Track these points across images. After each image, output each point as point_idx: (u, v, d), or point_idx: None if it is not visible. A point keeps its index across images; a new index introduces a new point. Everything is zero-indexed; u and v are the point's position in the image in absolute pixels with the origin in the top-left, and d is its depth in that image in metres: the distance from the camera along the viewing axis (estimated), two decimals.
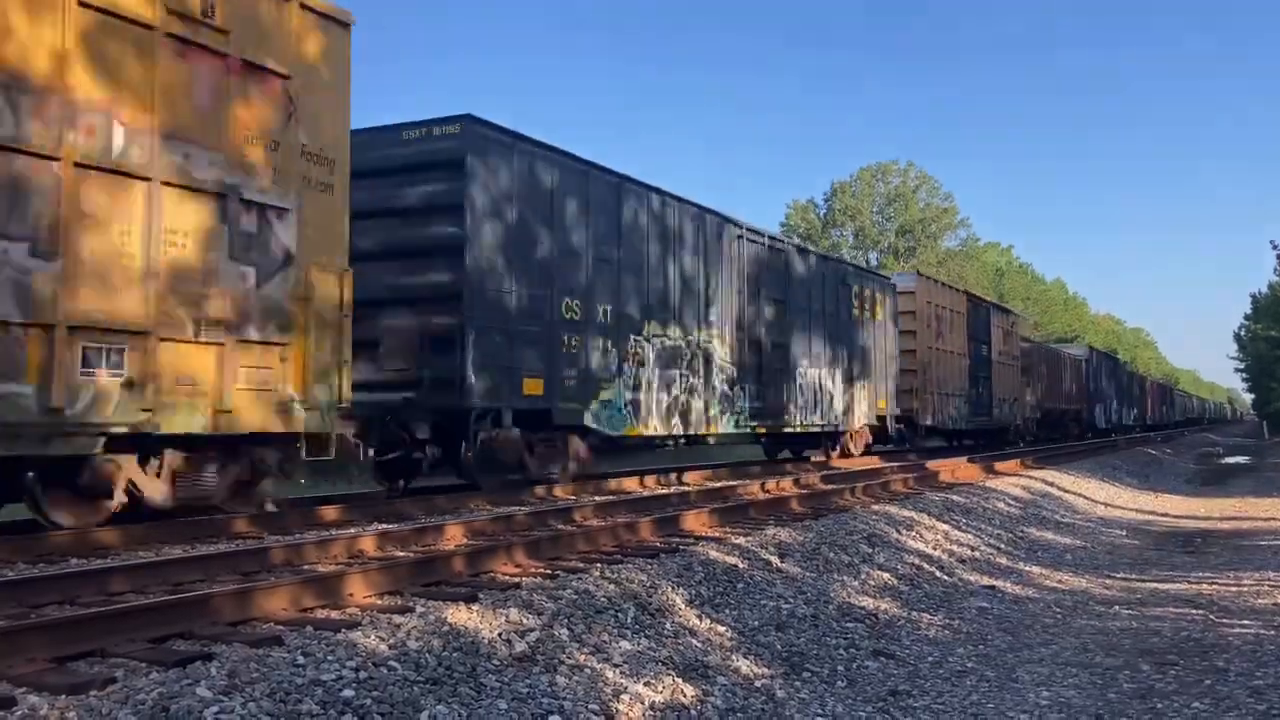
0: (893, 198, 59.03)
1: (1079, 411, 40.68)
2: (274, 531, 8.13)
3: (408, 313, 10.93)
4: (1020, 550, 11.02)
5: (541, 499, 11.36)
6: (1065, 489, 16.97)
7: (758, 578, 6.95)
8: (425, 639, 4.49)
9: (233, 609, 4.75)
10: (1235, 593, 8.58)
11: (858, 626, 6.69)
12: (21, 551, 6.75)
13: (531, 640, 4.79)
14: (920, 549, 9.37)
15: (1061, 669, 6.17)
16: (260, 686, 3.71)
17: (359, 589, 5.34)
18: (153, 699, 3.48)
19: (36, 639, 4.05)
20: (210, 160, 7.72)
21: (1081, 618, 7.79)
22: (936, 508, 11.53)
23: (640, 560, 6.65)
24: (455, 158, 10.83)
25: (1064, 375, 38.51)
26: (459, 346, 10.57)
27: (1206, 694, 5.52)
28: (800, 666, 5.69)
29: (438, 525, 7.98)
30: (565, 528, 8.29)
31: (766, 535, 8.17)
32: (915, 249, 56.74)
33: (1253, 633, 6.96)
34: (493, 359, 10.89)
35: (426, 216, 11.00)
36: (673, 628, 5.60)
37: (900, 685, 5.69)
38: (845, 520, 9.49)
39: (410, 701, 3.93)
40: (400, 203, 11.08)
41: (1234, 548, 11.72)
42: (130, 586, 5.58)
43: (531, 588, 5.61)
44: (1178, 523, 15.01)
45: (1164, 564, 10.70)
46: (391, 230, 11.00)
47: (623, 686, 4.63)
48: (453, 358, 10.57)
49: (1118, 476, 21.80)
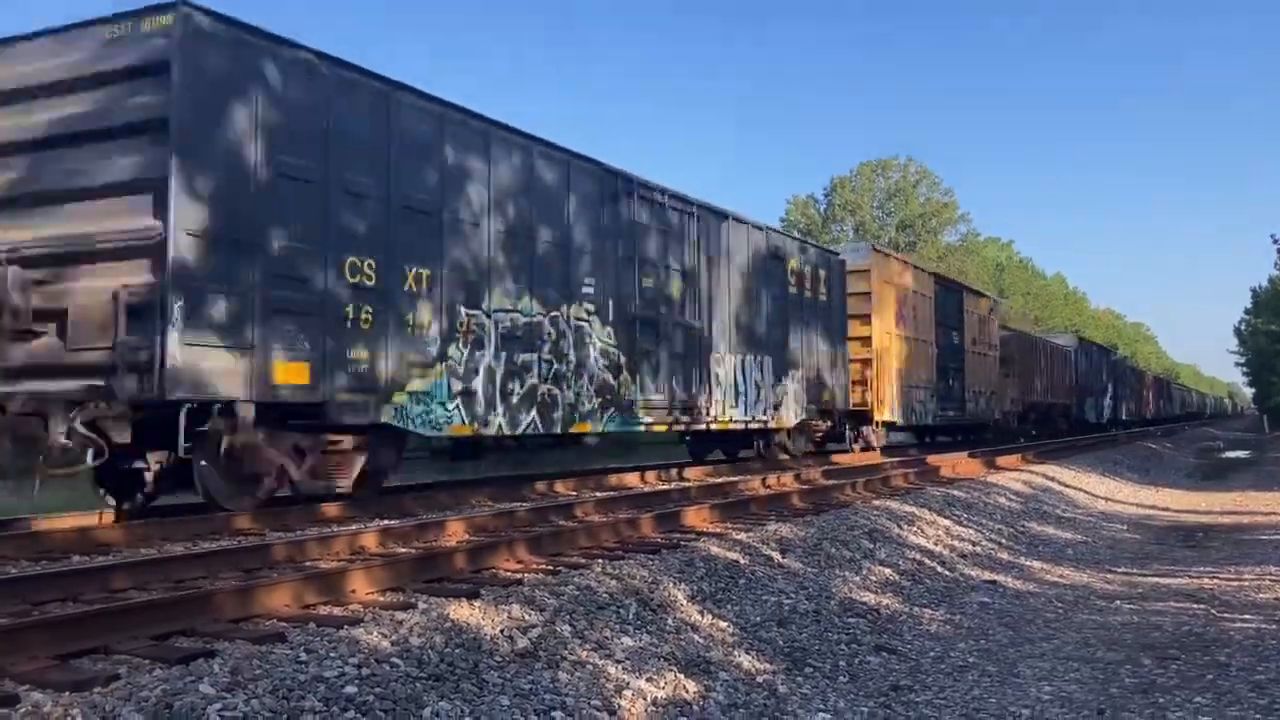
0: (893, 192, 59.00)
1: (1067, 406, 37.95)
2: (276, 528, 8.13)
3: (105, 273, 7.90)
4: (1021, 545, 11.02)
5: (543, 495, 11.37)
6: (1066, 484, 16.97)
7: (759, 573, 6.96)
8: (427, 635, 4.49)
9: (235, 606, 4.76)
10: (1236, 587, 8.58)
11: (859, 622, 6.69)
12: (24, 549, 6.76)
13: (534, 636, 4.80)
14: (921, 544, 9.37)
15: (1063, 664, 6.17)
16: (263, 683, 3.71)
17: (361, 585, 5.35)
18: (156, 696, 3.49)
19: (39, 636, 4.06)
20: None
21: (1083, 612, 7.79)
22: (937, 503, 11.53)
23: (642, 556, 6.66)
24: (160, 59, 7.88)
25: (1050, 367, 35.63)
26: (158, 316, 7.59)
27: (1208, 688, 5.52)
28: (802, 662, 5.70)
29: (439, 521, 7.99)
30: (567, 523, 8.29)
31: (768, 531, 8.17)
32: (915, 244, 56.70)
33: (1254, 627, 6.97)
34: (216, 334, 7.90)
35: (121, 141, 8.03)
36: (675, 623, 5.60)
37: (902, 680, 5.70)
38: (846, 515, 9.50)
39: (413, 698, 3.93)
40: (86, 124, 8.14)
41: (1235, 542, 11.72)
42: (132, 584, 5.59)
43: (533, 584, 5.62)
44: (1179, 517, 15.01)
45: (1165, 558, 10.70)
46: (72, 162, 8.15)
47: (625, 682, 4.64)
48: (150, 331, 7.61)
49: (1118, 471, 21.80)
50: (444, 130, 10.22)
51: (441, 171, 10.19)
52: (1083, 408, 40.34)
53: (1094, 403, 42.77)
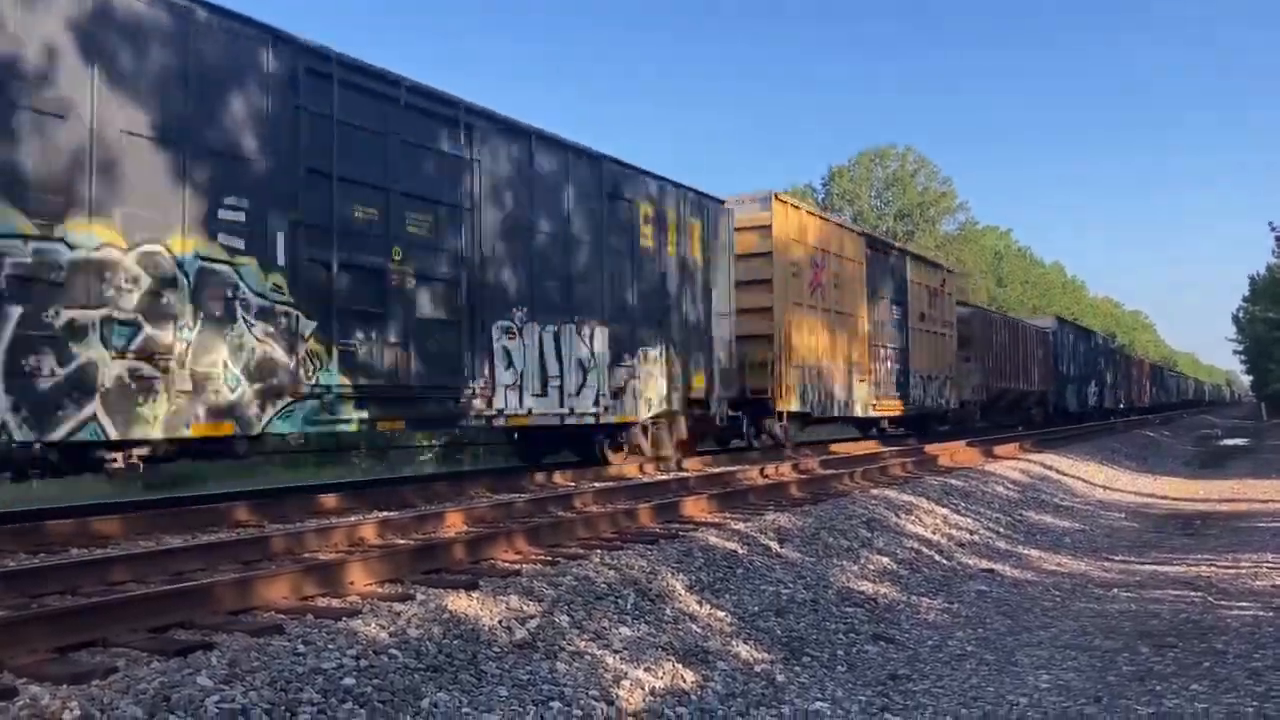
0: (891, 181, 58.90)
1: (1043, 393, 33.60)
2: (274, 520, 8.14)
3: None
4: (1019, 534, 11.04)
5: (541, 486, 11.36)
6: (1064, 472, 16.99)
7: (757, 563, 6.97)
8: (426, 627, 4.50)
9: (233, 598, 4.76)
10: (1233, 575, 8.60)
11: (857, 611, 6.71)
12: (22, 541, 6.76)
13: (532, 627, 4.80)
14: (919, 533, 9.39)
15: (1061, 652, 6.19)
16: (261, 675, 3.72)
17: (359, 577, 5.35)
18: (154, 688, 3.49)
19: (38, 629, 4.06)
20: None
21: (1080, 600, 7.81)
22: (935, 492, 11.55)
23: (640, 546, 6.67)
24: None
25: (1022, 350, 31.10)
26: None
27: (1205, 676, 5.53)
28: (800, 651, 5.71)
29: (438, 512, 7.99)
30: (565, 514, 8.30)
31: (766, 520, 8.18)
32: (914, 233, 56.65)
33: (1251, 614, 6.98)
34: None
35: None
36: (673, 613, 5.61)
37: (900, 669, 5.71)
38: (844, 505, 9.51)
39: (411, 689, 3.94)
40: None
41: (1232, 529, 11.75)
42: (131, 576, 5.59)
43: (532, 574, 5.62)
44: (1176, 505, 15.04)
45: (1163, 546, 10.72)
46: None
47: (623, 672, 4.65)
48: None
49: (1116, 459, 21.82)
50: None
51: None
52: (1063, 395, 36.08)
53: (1076, 390, 38.43)
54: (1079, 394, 38.72)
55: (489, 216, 10.65)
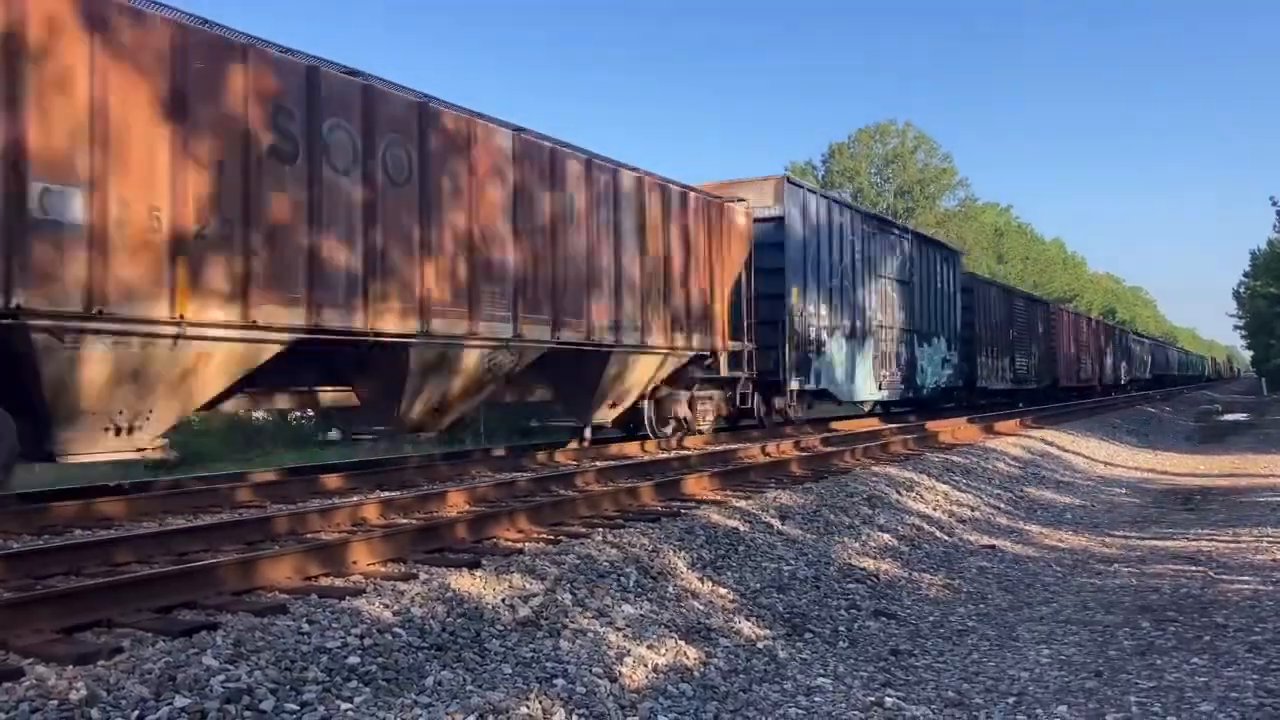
0: (891, 158, 58.64)
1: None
2: (277, 500, 8.16)
3: None
4: (1020, 510, 11.07)
5: (543, 465, 11.38)
6: (1065, 448, 17.01)
7: (759, 540, 6.99)
8: (429, 605, 4.51)
9: (237, 578, 4.78)
10: (1234, 549, 8.62)
11: (859, 587, 6.73)
12: (26, 523, 6.78)
13: (535, 605, 4.82)
14: (921, 510, 9.41)
15: (1062, 627, 6.21)
16: (266, 655, 3.73)
17: (363, 557, 5.37)
18: (160, 668, 3.51)
19: (43, 610, 4.08)
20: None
21: (1081, 576, 7.83)
22: (936, 468, 11.56)
23: (642, 524, 6.68)
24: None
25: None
26: None
27: (1205, 650, 5.56)
28: (802, 628, 5.73)
29: (440, 492, 8.01)
30: (567, 493, 8.31)
31: (767, 498, 8.20)
32: (914, 210, 56.47)
33: (1251, 589, 7.00)
34: None
35: None
36: (675, 591, 5.63)
37: (901, 645, 5.74)
38: (846, 482, 9.52)
39: (415, 668, 3.96)
40: None
41: (1233, 504, 11.77)
42: (135, 557, 5.62)
43: (534, 553, 5.64)
44: (1177, 480, 15.06)
45: (1163, 521, 10.75)
46: None
47: (626, 649, 4.67)
48: None
49: (1117, 435, 21.84)
50: None
51: None
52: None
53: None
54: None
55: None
